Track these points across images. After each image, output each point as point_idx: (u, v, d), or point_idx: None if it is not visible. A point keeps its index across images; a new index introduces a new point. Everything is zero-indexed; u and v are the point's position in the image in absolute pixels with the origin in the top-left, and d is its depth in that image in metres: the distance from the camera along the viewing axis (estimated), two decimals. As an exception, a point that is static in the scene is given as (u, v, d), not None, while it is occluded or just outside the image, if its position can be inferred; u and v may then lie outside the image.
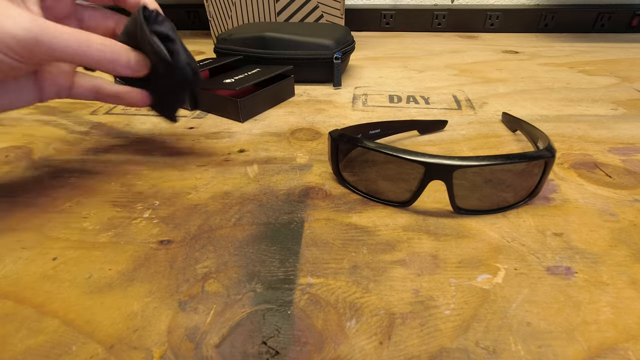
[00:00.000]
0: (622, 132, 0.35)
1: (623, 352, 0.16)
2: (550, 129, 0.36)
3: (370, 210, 0.25)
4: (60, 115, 0.40)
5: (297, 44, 0.47)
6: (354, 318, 0.18)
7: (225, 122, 0.38)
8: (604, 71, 0.53)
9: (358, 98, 0.45)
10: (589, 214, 0.24)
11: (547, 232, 0.23)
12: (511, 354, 0.16)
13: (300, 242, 0.22)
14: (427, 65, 0.58)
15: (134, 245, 0.22)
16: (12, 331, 0.17)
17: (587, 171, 0.29)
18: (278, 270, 0.20)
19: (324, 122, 0.38)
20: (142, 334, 0.17)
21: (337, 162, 0.27)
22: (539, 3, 0.81)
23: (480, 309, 0.18)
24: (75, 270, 0.20)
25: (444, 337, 0.17)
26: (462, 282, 0.19)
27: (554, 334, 0.17)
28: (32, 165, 0.30)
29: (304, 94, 0.46)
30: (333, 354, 0.16)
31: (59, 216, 0.24)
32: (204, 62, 0.46)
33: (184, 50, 0.24)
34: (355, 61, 0.61)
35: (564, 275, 0.20)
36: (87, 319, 0.18)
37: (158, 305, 0.18)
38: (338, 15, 0.64)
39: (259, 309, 0.18)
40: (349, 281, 0.20)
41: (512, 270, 0.20)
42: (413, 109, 0.41)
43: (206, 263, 0.21)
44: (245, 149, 0.33)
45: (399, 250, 0.22)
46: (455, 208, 0.24)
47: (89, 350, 0.16)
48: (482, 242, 0.22)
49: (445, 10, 0.81)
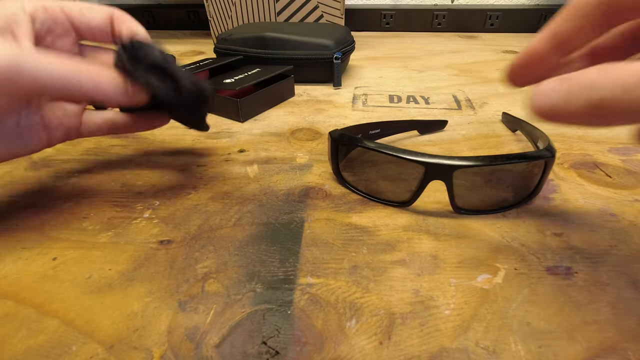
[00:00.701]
0: (622, 132, 0.35)
1: (623, 352, 0.16)
2: (550, 129, 0.36)
3: (370, 210, 0.25)
4: (60, 115, 0.40)
5: (297, 44, 0.47)
6: (354, 318, 0.18)
7: (225, 122, 0.38)
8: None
9: (358, 98, 0.45)
10: (589, 214, 0.24)
11: (547, 232, 0.23)
12: (511, 354, 0.16)
13: (300, 242, 0.22)
14: (427, 65, 0.58)
15: (134, 245, 0.22)
16: (12, 331, 0.17)
17: (587, 171, 0.29)
18: (278, 270, 0.20)
19: (324, 122, 0.38)
20: (142, 334, 0.17)
21: (337, 162, 0.27)
22: (539, 3, 0.81)
23: (480, 309, 0.18)
24: (75, 270, 0.20)
25: (444, 337, 0.17)
26: (462, 282, 0.19)
27: (554, 334, 0.17)
28: (32, 166, 0.30)
29: (304, 94, 0.46)
30: (333, 354, 0.16)
31: (59, 216, 0.24)
32: (204, 62, 0.46)
33: (182, 74, 0.22)
34: (355, 61, 0.61)
35: (564, 275, 0.20)
36: (87, 319, 0.18)
37: (158, 305, 0.18)
38: (338, 15, 0.64)
39: (259, 309, 0.18)
40: (349, 281, 0.20)
41: (512, 270, 0.20)
42: (413, 109, 0.41)
43: (206, 263, 0.21)
44: (245, 149, 0.33)
45: (399, 250, 0.22)
46: (455, 208, 0.24)
47: (89, 350, 0.16)
48: (482, 242, 0.22)
49: (445, 10, 0.81)
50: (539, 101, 0.15)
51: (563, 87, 0.15)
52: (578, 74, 0.14)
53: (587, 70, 0.14)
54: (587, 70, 0.14)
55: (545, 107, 0.15)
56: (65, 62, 0.18)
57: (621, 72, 0.13)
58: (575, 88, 0.14)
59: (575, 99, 0.14)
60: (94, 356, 0.16)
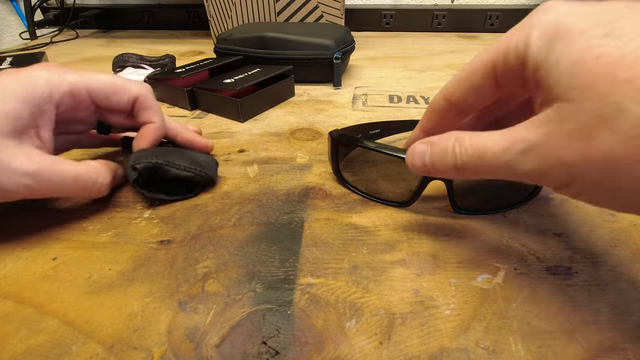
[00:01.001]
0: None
1: (623, 352, 0.16)
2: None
3: (370, 210, 0.25)
4: (60, 115, 0.40)
5: (297, 44, 0.47)
6: (354, 318, 0.18)
7: (225, 122, 0.38)
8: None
9: (358, 98, 0.45)
10: (589, 214, 0.24)
11: (547, 232, 0.23)
12: (511, 354, 0.16)
13: (300, 242, 0.22)
14: (427, 65, 0.58)
15: (134, 245, 0.22)
16: (12, 331, 0.17)
17: (587, 171, 0.29)
18: (278, 270, 0.20)
19: (324, 122, 0.38)
20: (142, 334, 0.17)
21: (337, 162, 0.27)
22: (539, 3, 0.81)
23: (480, 309, 0.18)
24: (75, 270, 0.20)
25: (444, 337, 0.17)
26: (462, 282, 0.19)
27: (554, 334, 0.17)
28: (32, 165, 0.30)
29: (304, 94, 0.46)
30: (333, 354, 0.16)
31: (59, 216, 0.24)
32: (204, 62, 0.46)
33: (185, 164, 0.25)
34: (355, 61, 0.61)
35: (564, 275, 0.20)
36: (87, 319, 0.18)
37: (158, 305, 0.18)
38: (338, 15, 0.64)
39: (259, 309, 0.18)
40: (349, 281, 0.20)
41: (512, 270, 0.20)
42: (413, 109, 0.41)
43: (206, 263, 0.21)
44: (245, 149, 0.33)
45: (399, 250, 0.22)
46: (455, 208, 0.24)
47: (89, 350, 0.16)
48: (482, 242, 0.22)
49: (445, 10, 0.81)
50: (411, 160, 0.19)
51: (428, 151, 0.18)
52: (440, 140, 0.18)
53: (447, 136, 0.17)
54: (447, 136, 0.17)
55: (417, 165, 0.19)
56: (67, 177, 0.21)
57: (474, 140, 0.16)
58: (437, 155, 0.17)
59: (440, 161, 0.17)
60: (94, 356, 0.16)
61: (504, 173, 0.15)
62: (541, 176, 0.14)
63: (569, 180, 0.13)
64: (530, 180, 0.15)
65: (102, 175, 0.23)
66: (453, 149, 0.16)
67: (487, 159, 0.15)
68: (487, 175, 0.16)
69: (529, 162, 0.14)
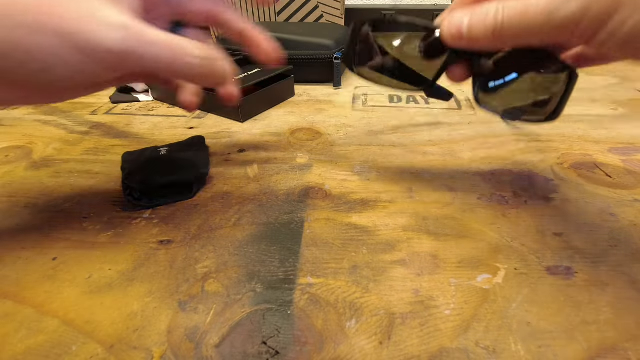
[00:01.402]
0: (622, 132, 0.35)
1: (623, 352, 0.16)
2: (550, 129, 0.36)
3: (370, 210, 0.25)
4: (60, 115, 0.40)
5: (297, 44, 0.47)
6: (354, 318, 0.18)
7: (225, 122, 0.38)
8: (604, 71, 0.53)
9: (358, 98, 0.45)
10: (589, 214, 0.24)
11: (547, 232, 0.23)
12: (511, 354, 0.16)
13: (300, 242, 0.22)
14: (427, 65, 0.58)
15: (134, 245, 0.22)
16: (12, 331, 0.17)
17: (587, 171, 0.29)
18: (278, 270, 0.20)
19: (324, 122, 0.38)
20: (142, 334, 0.17)
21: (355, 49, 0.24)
22: (539, 3, 0.81)
23: (480, 309, 0.18)
24: (75, 270, 0.20)
25: (444, 337, 0.17)
26: (462, 282, 0.19)
27: (554, 334, 0.17)
28: (32, 165, 0.30)
29: (304, 94, 0.46)
30: (333, 354, 0.16)
31: (59, 216, 0.24)
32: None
33: None
34: (355, 61, 0.61)
35: (564, 275, 0.20)
36: (87, 319, 0.18)
37: (158, 305, 0.18)
38: (338, 15, 0.64)
39: (259, 309, 0.18)
40: (349, 281, 0.20)
41: (512, 270, 0.20)
42: (413, 109, 0.41)
43: (206, 263, 0.21)
44: (245, 149, 0.33)
45: (399, 250, 0.22)
46: (476, 97, 0.22)
47: (89, 350, 0.16)
48: (482, 242, 0.22)
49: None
50: (448, 27, 0.18)
51: (467, 16, 0.18)
52: (482, 7, 0.17)
53: (489, 3, 0.17)
54: (489, 3, 0.17)
55: (453, 32, 0.18)
56: (172, 44, 0.17)
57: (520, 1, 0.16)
58: (477, 17, 0.17)
59: (478, 24, 0.17)
60: (94, 356, 0.16)
61: (542, 25, 0.15)
62: (582, 17, 0.14)
63: (617, 5, 0.14)
64: (567, 29, 0.15)
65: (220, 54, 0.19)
66: (496, 10, 0.17)
67: (530, 13, 0.15)
68: (526, 36, 0.16)
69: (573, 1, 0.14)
